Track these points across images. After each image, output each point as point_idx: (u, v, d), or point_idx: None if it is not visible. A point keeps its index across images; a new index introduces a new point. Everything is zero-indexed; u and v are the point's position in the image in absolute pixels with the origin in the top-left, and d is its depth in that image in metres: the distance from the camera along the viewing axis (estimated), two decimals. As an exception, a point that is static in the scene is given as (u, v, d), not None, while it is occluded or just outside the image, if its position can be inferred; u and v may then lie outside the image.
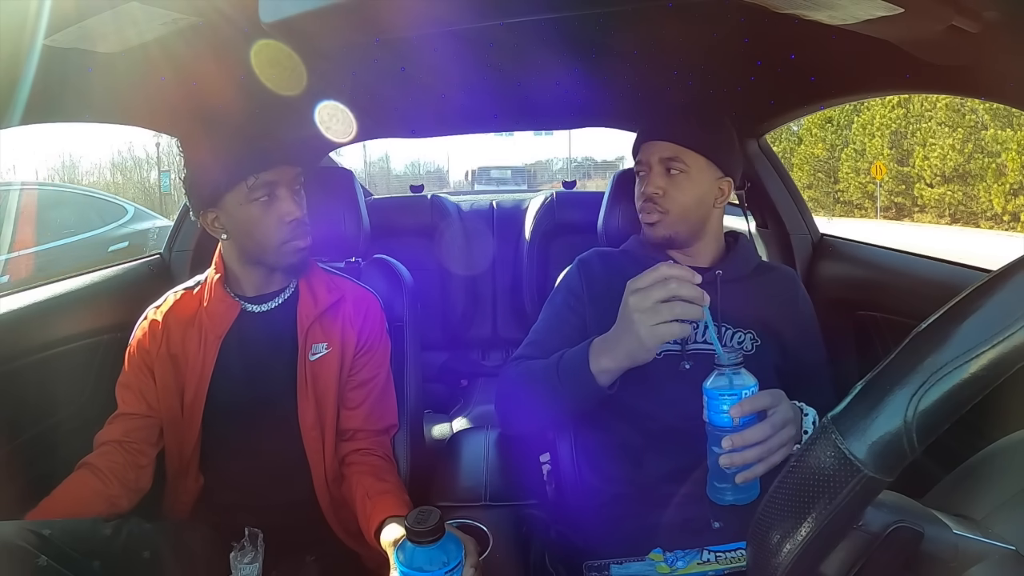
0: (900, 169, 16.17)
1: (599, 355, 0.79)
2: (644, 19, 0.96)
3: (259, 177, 0.90)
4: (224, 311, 0.96)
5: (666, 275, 0.73)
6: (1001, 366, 0.32)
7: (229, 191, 0.90)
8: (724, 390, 0.68)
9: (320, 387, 0.97)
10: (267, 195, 0.91)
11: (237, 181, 0.89)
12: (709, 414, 0.70)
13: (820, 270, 1.45)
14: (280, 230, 0.92)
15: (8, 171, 12.52)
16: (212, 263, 1.01)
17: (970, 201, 14.89)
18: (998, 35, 0.66)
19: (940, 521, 0.38)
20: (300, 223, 0.94)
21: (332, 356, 0.98)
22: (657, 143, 0.98)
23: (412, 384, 1.13)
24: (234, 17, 0.77)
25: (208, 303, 0.97)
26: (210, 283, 0.98)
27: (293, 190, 0.94)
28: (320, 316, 0.99)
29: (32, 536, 0.69)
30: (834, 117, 17.54)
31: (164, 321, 0.96)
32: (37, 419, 1.00)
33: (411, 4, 0.73)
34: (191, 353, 0.95)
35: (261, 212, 0.91)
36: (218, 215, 0.93)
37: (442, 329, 1.93)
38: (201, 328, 0.96)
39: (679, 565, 0.77)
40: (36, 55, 0.73)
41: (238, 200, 0.91)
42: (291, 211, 0.92)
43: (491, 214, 2.09)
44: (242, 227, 0.93)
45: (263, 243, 0.93)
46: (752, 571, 0.39)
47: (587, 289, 0.99)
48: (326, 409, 0.97)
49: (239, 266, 0.98)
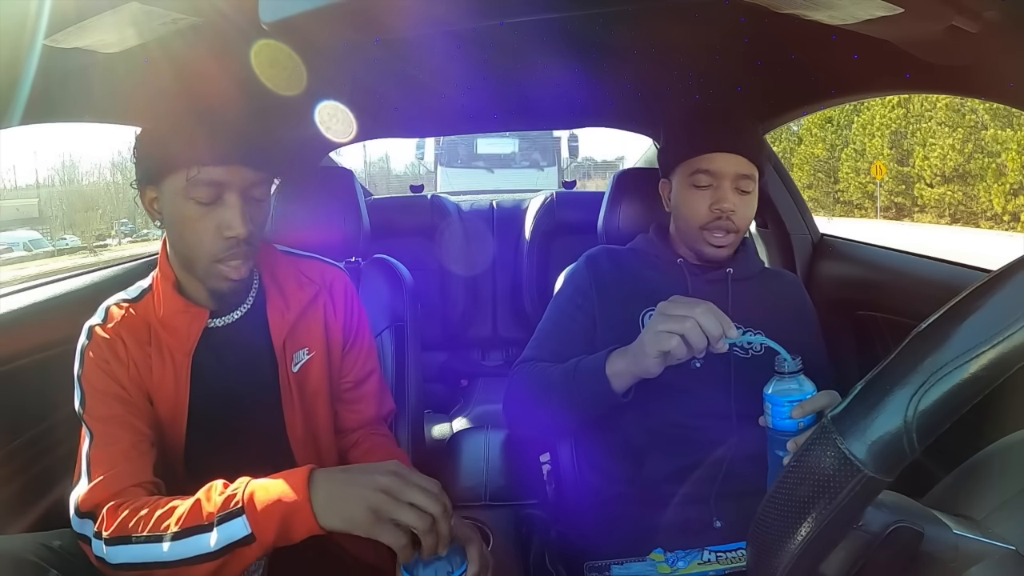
0: (900, 169, 16.18)
1: (615, 359, 0.81)
2: (644, 19, 0.96)
3: (201, 171, 0.73)
4: (188, 323, 0.81)
5: (704, 305, 0.73)
6: (1001, 366, 0.32)
7: (168, 174, 0.75)
8: (788, 395, 0.71)
9: (308, 396, 0.88)
10: (211, 197, 0.75)
11: (177, 166, 0.74)
12: (773, 420, 0.71)
13: (820, 270, 1.45)
14: (214, 243, 0.76)
15: (8, 171, 12.52)
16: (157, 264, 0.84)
17: (970, 201, 14.90)
18: (998, 35, 0.66)
19: (940, 521, 0.38)
20: (241, 243, 0.76)
21: (317, 360, 0.88)
22: (733, 156, 0.92)
23: (412, 384, 1.12)
24: (234, 17, 0.76)
25: (163, 315, 0.80)
26: (158, 291, 0.82)
27: (247, 199, 0.77)
28: (296, 321, 0.87)
29: (43, 550, 0.68)
30: (834, 117, 17.55)
31: (121, 339, 0.79)
32: (37, 419, 1.00)
33: (411, 4, 0.73)
34: (157, 379, 0.80)
35: (197, 214, 0.75)
36: (157, 196, 0.78)
37: (442, 329, 1.93)
38: (161, 347, 0.80)
39: (680, 565, 0.77)
40: (36, 55, 0.73)
41: (175, 189, 0.75)
42: (232, 224, 0.75)
43: (491, 214, 2.09)
44: (174, 223, 0.77)
45: (192, 251, 0.77)
46: (752, 571, 0.39)
47: (595, 286, 0.98)
48: (317, 419, 0.89)
49: (180, 268, 0.82)
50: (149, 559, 0.66)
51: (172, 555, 0.64)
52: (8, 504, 0.89)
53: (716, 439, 0.87)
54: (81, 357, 0.79)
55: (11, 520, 0.89)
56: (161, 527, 0.65)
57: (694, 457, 0.87)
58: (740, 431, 0.87)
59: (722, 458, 0.86)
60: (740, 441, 0.87)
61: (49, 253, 19.37)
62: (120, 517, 0.68)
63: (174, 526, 0.65)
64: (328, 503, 0.62)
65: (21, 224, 22.78)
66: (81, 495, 0.72)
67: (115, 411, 0.77)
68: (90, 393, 0.78)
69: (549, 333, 0.98)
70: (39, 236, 21.30)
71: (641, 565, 0.78)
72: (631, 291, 0.95)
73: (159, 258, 0.84)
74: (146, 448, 0.77)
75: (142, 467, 0.75)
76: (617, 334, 0.92)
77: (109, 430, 0.76)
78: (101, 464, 0.74)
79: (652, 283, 0.95)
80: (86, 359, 0.79)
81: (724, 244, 0.93)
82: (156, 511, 0.67)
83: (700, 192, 0.93)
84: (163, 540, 0.64)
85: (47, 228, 23.28)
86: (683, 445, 0.87)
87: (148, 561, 0.66)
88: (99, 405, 0.77)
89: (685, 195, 0.95)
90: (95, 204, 25.08)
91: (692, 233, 0.95)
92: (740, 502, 0.84)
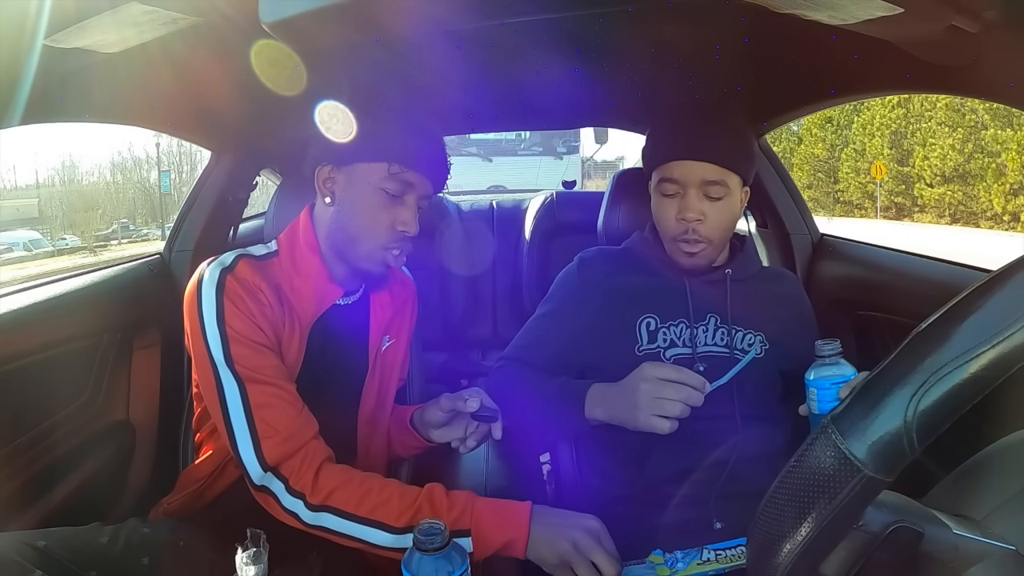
0: (900, 169, 16.18)
1: (595, 404, 0.86)
2: (644, 19, 0.96)
3: (405, 171, 0.81)
4: (322, 295, 0.86)
5: (686, 382, 0.78)
6: (1001, 366, 0.32)
7: (367, 162, 0.81)
8: (832, 379, 0.72)
9: (385, 378, 0.96)
10: (398, 192, 0.82)
11: (383, 159, 0.80)
12: (819, 404, 0.73)
13: (820, 270, 1.45)
14: (387, 234, 0.83)
15: (8, 171, 12.54)
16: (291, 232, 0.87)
17: (970, 201, 14.90)
18: (998, 35, 0.66)
19: (940, 521, 0.38)
20: (406, 240, 0.85)
21: (398, 347, 0.97)
22: (697, 164, 0.89)
23: (415, 384, 1.13)
24: (234, 17, 0.76)
25: (299, 283, 0.84)
26: (295, 258, 0.85)
27: (421, 205, 0.86)
28: (392, 315, 0.96)
29: (27, 549, 0.67)
30: (834, 117, 17.56)
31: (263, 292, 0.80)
32: (37, 419, 1.00)
33: (411, 4, 0.73)
34: (286, 340, 0.83)
35: (380, 204, 0.82)
36: (336, 177, 0.83)
37: (442, 329, 1.93)
38: (292, 311, 0.83)
39: (679, 567, 0.77)
40: (36, 55, 0.73)
41: (368, 177, 0.81)
42: (409, 222, 0.83)
43: (491, 214, 2.09)
44: (353, 205, 0.83)
45: (362, 235, 0.83)
46: (752, 571, 0.39)
47: (587, 290, 0.98)
48: (385, 400, 0.97)
49: (326, 244, 0.86)
50: (353, 535, 0.73)
51: (379, 541, 0.73)
52: (8, 504, 0.89)
53: (718, 440, 0.87)
54: (218, 303, 0.77)
55: (11, 520, 0.89)
56: (376, 514, 0.73)
57: (696, 458, 0.87)
58: (743, 432, 0.87)
59: (725, 459, 0.86)
60: (743, 442, 0.87)
61: (49, 253, 19.37)
62: (324, 485, 0.74)
63: (394, 521, 0.72)
64: (538, 541, 0.72)
65: (21, 224, 22.78)
66: (264, 449, 0.75)
67: (269, 360, 0.78)
68: (235, 340, 0.76)
69: (535, 340, 1.00)
70: (39, 236, 21.30)
71: (641, 568, 0.78)
72: (627, 299, 0.95)
73: (300, 229, 0.87)
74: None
75: (309, 417, 0.79)
76: (613, 342, 0.93)
77: (269, 379, 0.77)
78: (275, 416, 0.76)
79: (649, 289, 0.95)
80: (225, 306, 0.77)
81: (695, 252, 0.92)
82: (369, 493, 0.74)
83: (668, 201, 0.92)
84: (378, 528, 0.72)
85: (47, 228, 23.28)
86: (685, 446, 0.87)
87: (351, 535, 0.73)
88: (251, 354, 0.77)
89: (657, 204, 0.95)
90: (95, 204, 25.07)
91: (666, 242, 0.96)
92: (741, 503, 0.84)
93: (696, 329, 0.93)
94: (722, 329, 0.93)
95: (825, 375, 0.73)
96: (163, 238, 1.64)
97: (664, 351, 0.92)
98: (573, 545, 0.71)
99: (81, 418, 1.10)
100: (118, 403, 1.18)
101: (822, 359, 0.74)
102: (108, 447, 1.13)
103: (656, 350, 0.92)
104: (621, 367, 0.84)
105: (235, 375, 0.76)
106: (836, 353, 0.74)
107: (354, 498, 0.74)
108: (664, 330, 0.93)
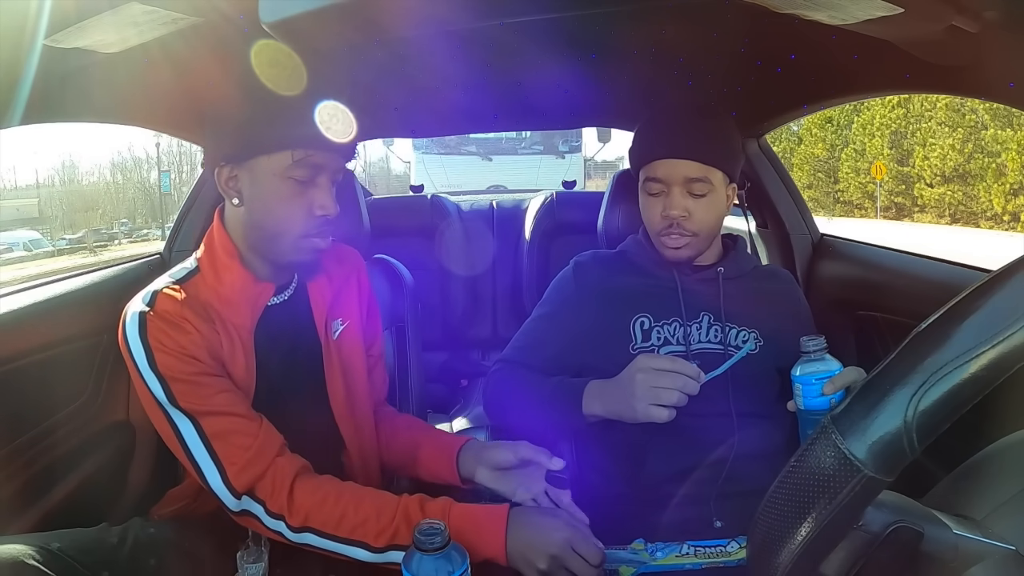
0: (900, 169, 16.18)
1: (592, 400, 0.86)
2: (644, 19, 0.96)
3: (310, 155, 0.76)
4: (254, 298, 0.82)
5: (681, 371, 0.79)
6: (1001, 366, 0.32)
7: (267, 154, 0.76)
8: (817, 374, 0.73)
9: (346, 363, 0.91)
10: (307, 177, 0.77)
11: (284, 147, 0.75)
12: (804, 400, 0.73)
13: (820, 270, 1.45)
14: (307, 221, 0.78)
15: (8, 171, 12.54)
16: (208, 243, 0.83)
17: (970, 201, 14.91)
18: (998, 35, 0.66)
19: (940, 521, 0.38)
20: (328, 222, 0.80)
21: (352, 329, 0.92)
22: (680, 162, 0.91)
23: (414, 384, 1.13)
24: (234, 17, 0.76)
25: (227, 292, 0.80)
26: (215, 269, 0.81)
27: (335, 180, 0.81)
28: (335, 295, 0.91)
29: (41, 552, 0.68)
30: (834, 117, 17.56)
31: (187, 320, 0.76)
32: (37, 419, 1.00)
33: (411, 4, 0.73)
34: (228, 355, 0.79)
35: (292, 193, 0.77)
36: (239, 175, 0.78)
37: (442, 329, 1.93)
38: (226, 325, 0.79)
39: (658, 556, 0.79)
40: (36, 55, 0.73)
41: (273, 169, 0.76)
42: (326, 205, 0.78)
43: (491, 214, 2.09)
44: (263, 201, 0.78)
45: (280, 229, 0.79)
46: (752, 571, 0.39)
47: (582, 293, 0.99)
48: (356, 387, 0.92)
49: (244, 245, 0.82)
50: (337, 551, 0.74)
51: (363, 558, 0.74)
52: (8, 504, 0.89)
53: (716, 439, 0.87)
54: (144, 347, 0.75)
55: (11, 520, 0.89)
56: (356, 534, 0.73)
57: (694, 457, 0.87)
58: (740, 430, 0.88)
59: (724, 458, 0.87)
60: (740, 440, 0.87)
61: (49, 253, 19.38)
62: (300, 505, 0.75)
63: (373, 541, 0.73)
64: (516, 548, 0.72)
65: (21, 224, 22.79)
66: (230, 476, 0.74)
67: (214, 387, 0.76)
68: (173, 380, 0.75)
69: (531, 342, 1.00)
70: (39, 236, 21.31)
71: (623, 552, 0.79)
72: (622, 301, 0.96)
73: (215, 236, 0.82)
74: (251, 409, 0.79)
75: (270, 433, 0.78)
76: (609, 343, 0.94)
77: (219, 408, 0.76)
78: (235, 442, 0.75)
79: (642, 289, 0.96)
80: (153, 348, 0.75)
81: (679, 246, 0.93)
82: (346, 514, 0.74)
83: (654, 199, 0.94)
84: (359, 547, 0.73)
85: (47, 228, 23.29)
86: (684, 445, 0.87)
87: (336, 552, 0.74)
88: (193, 388, 0.75)
89: (643, 202, 0.98)
90: (95, 204, 25.08)
91: (653, 238, 0.97)
92: (741, 502, 0.84)
93: (690, 327, 0.93)
94: (716, 326, 0.94)
95: (810, 371, 0.73)
96: (163, 238, 1.64)
97: (658, 349, 0.92)
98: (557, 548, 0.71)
99: (81, 418, 1.09)
100: (118, 403, 1.18)
101: (807, 355, 0.74)
102: (108, 447, 1.13)
103: (650, 348, 0.92)
104: (616, 367, 0.85)
105: (184, 413, 0.75)
106: (821, 349, 0.74)
107: (331, 520, 0.74)
108: (658, 329, 0.93)
